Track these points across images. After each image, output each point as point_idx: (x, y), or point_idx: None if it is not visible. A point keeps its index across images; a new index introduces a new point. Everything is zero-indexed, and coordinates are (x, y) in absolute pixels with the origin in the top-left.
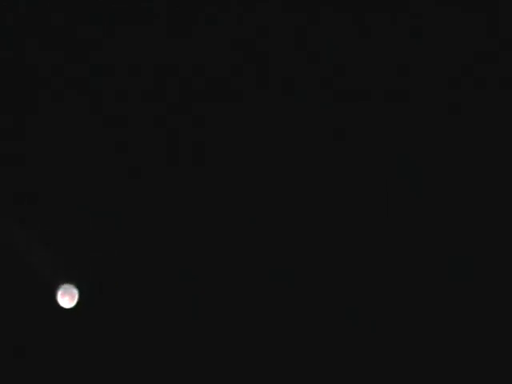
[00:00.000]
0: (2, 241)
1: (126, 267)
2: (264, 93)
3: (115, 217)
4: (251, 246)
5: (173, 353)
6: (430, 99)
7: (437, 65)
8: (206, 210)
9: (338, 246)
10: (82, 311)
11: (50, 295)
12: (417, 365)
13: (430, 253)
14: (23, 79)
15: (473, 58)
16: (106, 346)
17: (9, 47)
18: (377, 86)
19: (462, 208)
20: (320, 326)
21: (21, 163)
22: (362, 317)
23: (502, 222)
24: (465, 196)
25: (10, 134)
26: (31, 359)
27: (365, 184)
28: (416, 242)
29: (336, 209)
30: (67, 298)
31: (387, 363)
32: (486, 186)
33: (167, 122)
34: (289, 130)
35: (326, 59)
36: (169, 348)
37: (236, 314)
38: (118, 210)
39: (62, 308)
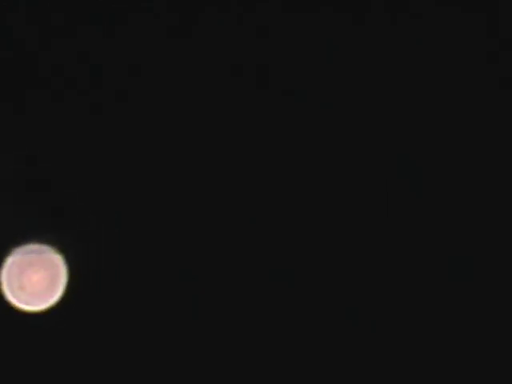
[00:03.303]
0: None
1: (125, 267)
2: (264, 93)
3: (116, 217)
4: (251, 246)
5: (173, 353)
6: (430, 99)
7: (437, 65)
8: (206, 210)
9: (338, 245)
10: (74, 310)
11: None
12: (417, 365)
13: (430, 253)
14: (23, 79)
15: (473, 58)
16: (105, 346)
17: (9, 47)
18: (377, 86)
19: (462, 208)
20: (320, 326)
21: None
22: (361, 317)
23: (502, 222)
24: (465, 196)
25: (10, 133)
26: None
27: (365, 184)
28: (416, 241)
29: (336, 209)
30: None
31: (387, 363)
32: (486, 186)
33: (167, 122)
34: (289, 130)
35: (326, 59)
36: (169, 348)
37: (236, 313)
38: (117, 211)
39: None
